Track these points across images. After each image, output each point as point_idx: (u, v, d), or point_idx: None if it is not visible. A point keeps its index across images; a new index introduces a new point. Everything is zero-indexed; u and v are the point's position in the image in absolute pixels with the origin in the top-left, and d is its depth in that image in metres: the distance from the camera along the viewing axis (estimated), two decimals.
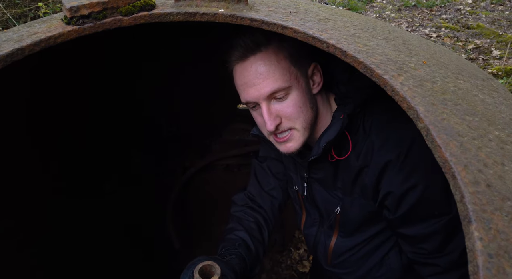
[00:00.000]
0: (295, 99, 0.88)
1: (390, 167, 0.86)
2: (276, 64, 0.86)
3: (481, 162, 0.55)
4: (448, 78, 0.73)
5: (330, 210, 1.05)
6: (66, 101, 1.48)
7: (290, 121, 0.89)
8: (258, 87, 0.86)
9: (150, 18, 0.80)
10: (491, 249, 0.46)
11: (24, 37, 0.75)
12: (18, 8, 3.11)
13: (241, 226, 1.16)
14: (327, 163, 0.97)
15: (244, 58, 0.87)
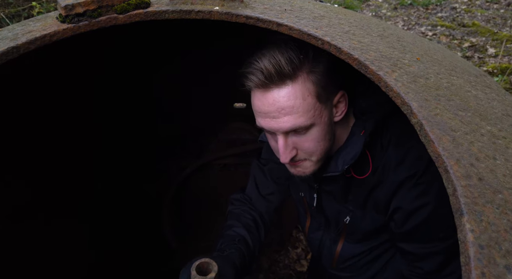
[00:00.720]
0: (315, 134, 0.82)
1: (406, 184, 0.84)
2: (301, 102, 0.78)
3: (473, 156, 0.56)
4: (442, 74, 0.74)
5: (339, 219, 1.03)
6: (63, 102, 1.48)
7: (306, 154, 0.86)
8: (278, 120, 0.80)
9: (145, 16, 0.80)
10: (482, 241, 0.47)
11: (19, 35, 0.75)
12: (11, 7, 3.09)
13: (240, 223, 1.16)
14: (342, 178, 0.93)
15: (266, 87, 0.78)
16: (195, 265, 0.80)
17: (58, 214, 1.58)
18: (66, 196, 1.66)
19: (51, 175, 1.54)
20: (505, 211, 0.51)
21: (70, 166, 1.68)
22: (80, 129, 1.64)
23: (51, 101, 1.42)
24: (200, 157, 2.41)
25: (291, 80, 0.77)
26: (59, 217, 1.58)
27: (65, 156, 1.64)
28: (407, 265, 0.93)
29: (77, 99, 1.55)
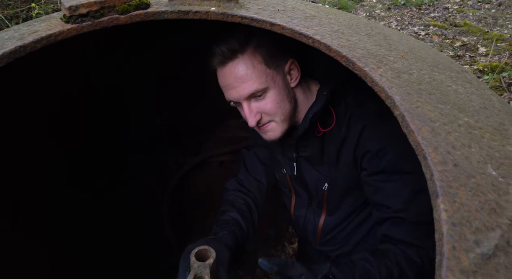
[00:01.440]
0: (272, 97, 0.96)
1: (366, 130, 0.97)
2: (252, 69, 0.93)
3: (450, 145, 0.61)
4: (424, 70, 0.79)
5: (319, 188, 1.13)
6: (63, 103, 1.52)
7: (269, 116, 0.99)
8: (237, 89, 0.95)
9: (145, 16, 0.85)
10: (454, 219, 0.52)
11: (25, 35, 0.79)
12: (10, 9, 3.12)
13: (233, 208, 1.22)
14: (314, 138, 1.05)
15: (223, 64, 0.95)
16: (194, 252, 0.85)
17: (57, 214, 1.61)
18: (68, 194, 1.70)
19: (54, 167, 1.57)
20: (477, 193, 0.56)
21: (70, 163, 1.71)
22: (77, 129, 1.67)
23: (50, 99, 1.46)
24: (198, 155, 2.45)
25: (241, 53, 0.93)
26: (58, 218, 1.62)
27: (65, 153, 1.67)
28: (377, 206, 1.01)
29: (75, 99, 1.58)
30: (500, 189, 0.58)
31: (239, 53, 0.93)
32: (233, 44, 0.92)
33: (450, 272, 0.47)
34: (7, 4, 2.99)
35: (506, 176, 0.60)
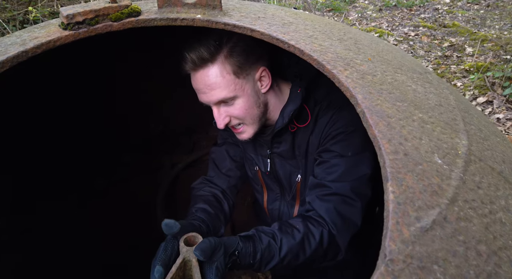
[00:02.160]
0: (240, 104, 1.02)
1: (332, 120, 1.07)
2: (221, 78, 0.98)
3: (402, 137, 0.70)
4: (388, 72, 0.88)
5: (292, 180, 1.20)
6: (60, 104, 1.59)
7: (238, 120, 1.05)
8: (207, 95, 1.01)
9: (137, 23, 0.93)
10: (400, 199, 0.60)
11: (27, 41, 0.87)
12: (7, 12, 3.18)
13: (200, 200, 1.23)
14: (287, 134, 1.12)
15: (194, 69, 1.01)
16: (183, 239, 0.93)
17: (63, 206, 1.69)
18: (71, 190, 1.77)
19: (57, 170, 1.65)
20: (422, 178, 0.65)
21: (70, 163, 1.79)
22: (73, 128, 1.75)
23: (50, 102, 1.53)
24: (191, 154, 2.53)
25: (211, 63, 0.98)
26: (64, 209, 1.69)
27: (64, 153, 1.75)
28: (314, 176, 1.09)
29: (73, 100, 1.66)
30: (443, 174, 0.66)
31: (209, 62, 0.98)
32: (203, 53, 0.97)
33: (392, 242, 0.56)
34: (4, 7, 3.05)
35: (450, 164, 0.69)
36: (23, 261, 1.53)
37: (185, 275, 0.89)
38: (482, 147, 0.79)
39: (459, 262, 0.57)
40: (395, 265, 0.54)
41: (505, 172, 0.76)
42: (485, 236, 0.62)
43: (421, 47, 4.07)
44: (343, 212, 1.00)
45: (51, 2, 3.58)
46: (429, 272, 0.55)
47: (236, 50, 1.00)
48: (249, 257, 0.94)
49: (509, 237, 0.64)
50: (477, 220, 0.63)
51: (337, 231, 0.99)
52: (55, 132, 1.66)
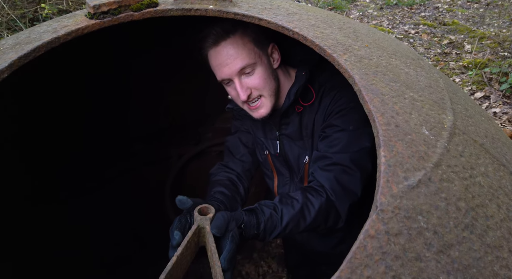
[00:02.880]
0: (260, 73, 1.12)
1: (334, 98, 1.17)
2: (243, 46, 1.09)
3: (394, 112, 0.79)
4: (383, 57, 0.97)
5: (300, 162, 1.28)
6: (77, 96, 1.69)
7: (258, 91, 1.13)
8: (230, 65, 1.09)
9: (155, 13, 1.02)
10: (391, 162, 0.70)
11: (57, 29, 0.96)
12: (18, 9, 3.29)
13: (217, 184, 1.33)
14: (294, 114, 1.22)
15: (216, 43, 1.09)
16: (197, 209, 1.02)
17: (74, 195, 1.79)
18: (83, 183, 1.87)
19: (70, 160, 1.74)
20: (410, 146, 0.74)
21: (81, 154, 1.88)
22: (87, 119, 1.84)
23: (69, 93, 1.63)
24: (197, 145, 2.62)
25: (233, 34, 1.08)
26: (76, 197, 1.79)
27: (78, 141, 1.84)
28: (317, 149, 1.19)
29: (89, 92, 1.75)
30: (430, 143, 0.76)
31: (231, 33, 1.08)
32: (226, 25, 1.07)
33: (383, 196, 0.65)
34: (16, 5, 3.16)
35: (436, 135, 0.78)
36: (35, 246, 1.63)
37: (199, 241, 0.98)
38: (467, 123, 0.88)
39: (441, 214, 0.66)
40: (385, 214, 0.63)
41: (486, 144, 0.85)
42: (464, 195, 0.71)
43: (421, 44, 4.15)
44: (343, 181, 1.08)
45: (60, 0, 3.68)
46: (414, 221, 0.64)
47: (250, 28, 1.12)
48: (253, 228, 1.01)
49: (486, 197, 0.73)
50: (458, 182, 0.72)
51: (336, 198, 1.06)
52: (72, 121, 1.76)
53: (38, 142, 1.63)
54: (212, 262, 0.92)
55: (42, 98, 1.54)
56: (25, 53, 0.88)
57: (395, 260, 0.59)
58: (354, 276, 0.57)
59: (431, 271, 0.60)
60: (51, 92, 1.56)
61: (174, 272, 0.88)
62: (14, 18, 2.76)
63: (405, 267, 0.59)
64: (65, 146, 1.78)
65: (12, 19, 2.98)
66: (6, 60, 0.86)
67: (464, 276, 0.61)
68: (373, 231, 0.61)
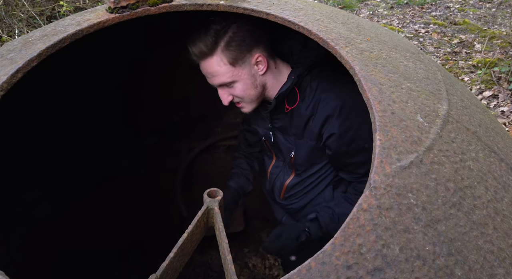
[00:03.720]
0: (239, 86, 1.22)
1: (330, 116, 1.21)
2: (218, 68, 1.18)
3: (391, 100, 0.85)
4: (383, 50, 1.02)
5: (287, 154, 1.40)
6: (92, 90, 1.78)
7: (238, 98, 1.26)
8: (211, 79, 1.24)
9: (170, 8, 1.09)
10: (385, 145, 0.75)
11: (81, 22, 1.04)
12: (37, 7, 3.42)
13: (238, 177, 1.58)
14: (283, 113, 1.31)
15: (198, 61, 1.22)
16: (207, 192, 1.10)
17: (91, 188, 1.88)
18: (99, 167, 1.96)
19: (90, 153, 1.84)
20: (405, 131, 0.79)
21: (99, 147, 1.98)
22: (107, 111, 1.93)
23: (86, 87, 1.72)
24: (207, 139, 2.69)
25: (210, 56, 1.18)
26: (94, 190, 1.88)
27: (94, 133, 1.93)
28: (349, 174, 1.29)
29: (105, 87, 1.84)
30: (423, 129, 0.81)
31: (208, 56, 1.18)
32: (202, 49, 1.16)
33: (376, 175, 0.71)
34: (36, 2, 3.28)
35: (430, 122, 0.83)
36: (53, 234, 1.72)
37: (208, 221, 1.06)
38: (461, 113, 0.93)
39: (430, 193, 0.72)
40: (377, 191, 0.69)
41: (479, 132, 0.90)
42: (454, 177, 0.76)
43: (430, 43, 4.15)
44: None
45: None
46: (404, 198, 0.70)
47: (231, 44, 1.17)
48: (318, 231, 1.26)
49: (475, 179, 0.78)
50: (448, 165, 0.77)
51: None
52: (88, 114, 1.85)
53: (56, 131, 1.72)
54: (220, 240, 0.99)
55: (63, 90, 1.63)
56: (52, 44, 0.96)
57: (385, 231, 0.65)
58: (347, 243, 0.63)
59: (418, 242, 0.66)
60: (71, 85, 1.65)
61: (185, 247, 0.95)
62: (34, 15, 2.88)
63: (394, 237, 0.65)
64: (80, 136, 1.87)
65: (32, 16, 3.11)
66: (35, 50, 0.94)
67: (449, 248, 0.66)
68: (365, 205, 0.67)
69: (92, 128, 1.91)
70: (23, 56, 0.94)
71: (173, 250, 0.90)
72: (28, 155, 1.60)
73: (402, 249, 0.64)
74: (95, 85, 1.79)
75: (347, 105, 1.19)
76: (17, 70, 0.89)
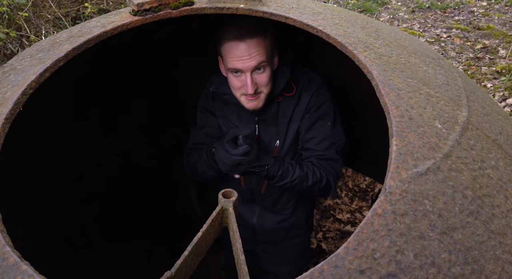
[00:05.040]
0: (268, 72, 1.27)
1: (315, 95, 1.38)
2: (264, 47, 1.23)
3: (409, 105, 0.84)
4: (402, 55, 1.02)
5: (271, 146, 1.44)
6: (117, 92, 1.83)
7: (262, 87, 1.29)
8: (248, 61, 1.21)
9: (191, 11, 1.12)
10: (402, 150, 0.75)
11: (105, 24, 1.08)
12: (63, 8, 3.54)
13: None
14: (274, 103, 1.40)
15: (241, 38, 1.19)
16: (221, 192, 1.11)
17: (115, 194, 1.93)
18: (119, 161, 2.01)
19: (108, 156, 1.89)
20: (422, 137, 0.79)
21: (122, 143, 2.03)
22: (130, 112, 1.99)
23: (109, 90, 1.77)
24: None
25: (259, 36, 1.21)
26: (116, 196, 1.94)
27: (114, 132, 1.99)
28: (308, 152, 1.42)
29: (128, 90, 1.89)
30: (441, 136, 0.80)
31: (257, 34, 1.20)
32: (255, 27, 1.19)
33: (392, 180, 0.70)
34: (62, 4, 3.40)
35: (449, 129, 0.82)
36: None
37: (223, 221, 1.07)
38: (482, 120, 0.91)
39: (447, 200, 0.71)
40: (393, 196, 0.69)
41: (499, 140, 0.88)
42: (472, 185, 0.75)
43: (452, 48, 4.06)
44: (335, 167, 1.42)
45: (100, 0, 3.92)
46: (420, 204, 0.69)
47: (273, 36, 1.28)
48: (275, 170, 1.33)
49: (494, 188, 0.77)
50: (467, 172, 0.76)
51: (331, 178, 1.41)
52: (111, 114, 1.91)
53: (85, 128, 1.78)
54: (233, 240, 1.00)
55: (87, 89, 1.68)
56: (78, 45, 1.00)
57: (400, 236, 0.65)
58: (360, 247, 0.63)
59: (433, 249, 0.65)
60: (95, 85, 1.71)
61: (199, 246, 0.97)
62: (60, 16, 2.98)
63: (409, 243, 0.65)
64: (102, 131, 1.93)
65: (58, 17, 3.22)
66: (62, 50, 0.98)
67: (466, 256, 0.65)
68: (380, 210, 0.67)
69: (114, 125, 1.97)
70: (51, 56, 0.98)
71: (188, 249, 0.91)
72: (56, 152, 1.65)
73: (417, 256, 0.64)
74: (120, 88, 1.84)
75: (324, 89, 1.40)
76: (45, 70, 0.93)
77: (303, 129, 1.42)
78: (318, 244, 2.79)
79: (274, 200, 1.60)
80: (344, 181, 3.24)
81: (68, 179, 1.78)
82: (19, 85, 0.92)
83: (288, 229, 1.68)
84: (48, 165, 1.58)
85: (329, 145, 1.41)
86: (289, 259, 1.77)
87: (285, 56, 1.37)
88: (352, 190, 3.30)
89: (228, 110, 1.49)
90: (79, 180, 1.87)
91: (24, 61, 1.05)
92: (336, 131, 1.41)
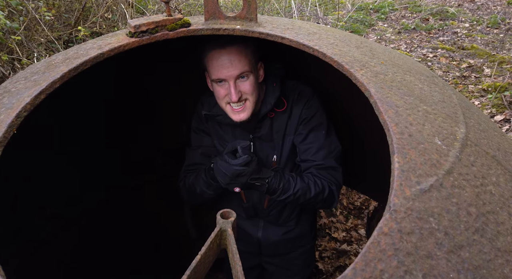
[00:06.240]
0: (251, 80, 1.29)
1: (305, 107, 1.41)
2: (245, 55, 1.25)
3: (408, 122, 0.85)
4: (398, 73, 1.03)
5: (269, 161, 1.45)
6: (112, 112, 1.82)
7: (246, 95, 1.29)
8: (230, 69, 1.24)
9: (188, 32, 1.13)
10: (404, 168, 0.74)
11: (102, 46, 1.08)
12: (56, 31, 3.56)
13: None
14: (267, 119, 1.42)
15: (222, 47, 1.23)
16: (220, 213, 1.08)
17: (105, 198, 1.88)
18: (111, 185, 1.97)
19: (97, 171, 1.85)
20: (423, 154, 0.78)
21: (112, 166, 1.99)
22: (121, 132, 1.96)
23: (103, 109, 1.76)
24: None
25: (238, 44, 1.23)
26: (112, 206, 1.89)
27: (107, 153, 1.96)
28: (306, 164, 1.43)
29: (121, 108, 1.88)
30: (442, 152, 0.80)
31: (237, 43, 1.23)
32: (234, 37, 1.19)
33: (396, 198, 0.70)
34: (55, 27, 3.42)
35: (448, 145, 0.83)
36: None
37: (221, 243, 1.04)
38: (479, 136, 0.92)
39: (451, 217, 0.70)
40: (398, 214, 0.68)
41: (498, 156, 0.89)
42: (475, 202, 0.74)
43: (439, 67, 4.18)
44: (335, 176, 1.42)
45: (92, 24, 3.96)
46: (425, 222, 0.68)
47: (253, 48, 1.31)
48: (276, 184, 1.33)
49: (497, 205, 0.76)
50: (469, 189, 0.76)
51: (334, 187, 1.41)
52: (105, 136, 1.88)
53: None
54: (233, 263, 0.97)
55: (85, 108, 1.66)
56: (74, 67, 0.99)
57: (407, 256, 0.63)
58: (368, 268, 0.61)
59: (441, 268, 0.63)
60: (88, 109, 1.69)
61: (198, 269, 0.93)
62: (52, 39, 2.99)
63: (417, 263, 0.63)
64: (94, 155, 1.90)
65: (50, 40, 3.23)
66: (58, 72, 0.97)
67: (475, 276, 0.64)
68: (386, 229, 0.66)
69: (103, 146, 1.94)
70: (46, 78, 0.97)
71: (186, 273, 0.88)
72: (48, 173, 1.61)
73: (426, 276, 0.62)
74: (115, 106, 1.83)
75: (314, 100, 1.44)
76: (40, 92, 0.92)
77: (298, 141, 1.43)
78: (315, 264, 2.73)
79: (278, 213, 1.59)
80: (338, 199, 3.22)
81: (60, 201, 1.73)
82: (13, 107, 0.90)
83: (294, 240, 1.68)
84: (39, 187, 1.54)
85: (327, 154, 1.41)
86: (295, 269, 1.77)
87: (274, 72, 1.41)
88: (347, 208, 3.28)
89: (223, 130, 1.50)
90: (71, 203, 1.82)
91: (18, 83, 1.04)
92: (331, 140, 1.43)
